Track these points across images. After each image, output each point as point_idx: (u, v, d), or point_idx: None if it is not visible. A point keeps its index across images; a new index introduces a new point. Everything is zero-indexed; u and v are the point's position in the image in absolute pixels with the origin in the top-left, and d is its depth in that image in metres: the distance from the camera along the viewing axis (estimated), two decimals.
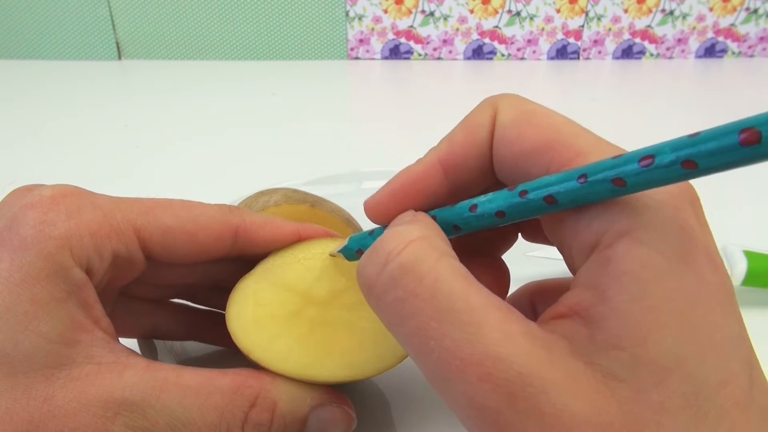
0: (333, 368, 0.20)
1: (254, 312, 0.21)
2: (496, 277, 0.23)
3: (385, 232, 0.18)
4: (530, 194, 0.17)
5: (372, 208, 0.21)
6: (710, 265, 0.15)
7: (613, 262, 0.15)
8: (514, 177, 0.19)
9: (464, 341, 0.15)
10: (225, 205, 0.23)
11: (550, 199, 0.16)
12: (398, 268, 0.16)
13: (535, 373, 0.14)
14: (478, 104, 0.20)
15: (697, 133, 0.13)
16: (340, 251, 0.23)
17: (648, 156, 0.14)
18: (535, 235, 0.22)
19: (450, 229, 0.19)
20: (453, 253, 0.17)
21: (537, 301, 0.24)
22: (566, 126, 0.18)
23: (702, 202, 0.17)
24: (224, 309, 0.22)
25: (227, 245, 0.22)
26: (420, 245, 0.16)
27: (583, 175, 0.15)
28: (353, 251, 0.22)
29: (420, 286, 0.16)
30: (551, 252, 0.22)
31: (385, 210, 0.20)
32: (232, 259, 0.23)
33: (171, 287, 0.25)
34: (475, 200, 0.19)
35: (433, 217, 0.20)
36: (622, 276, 0.15)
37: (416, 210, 0.20)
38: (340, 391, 0.21)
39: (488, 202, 0.18)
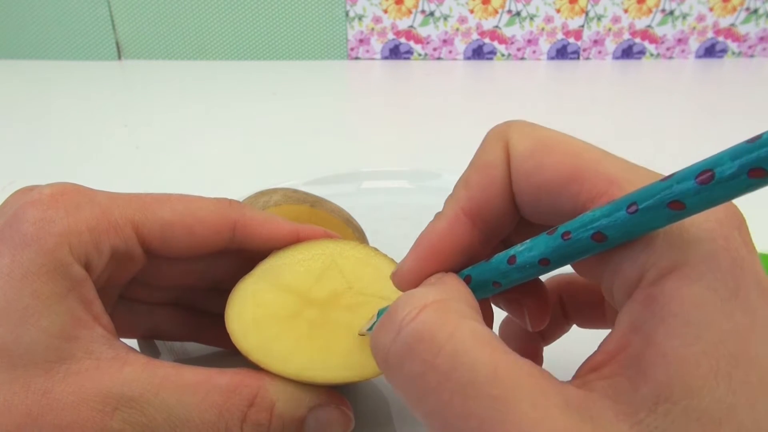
0: (332, 369, 0.20)
1: (254, 313, 0.21)
2: (538, 300, 0.21)
3: (399, 297, 0.16)
4: (574, 234, 0.15)
5: (401, 280, 0.19)
6: (761, 297, 0.14)
7: (661, 301, 0.14)
8: (539, 211, 0.18)
9: (493, 421, 0.13)
10: (225, 198, 0.23)
11: (599, 236, 0.15)
12: (412, 335, 0.15)
13: None
14: (485, 138, 0.19)
15: (758, 137, 0.11)
16: (369, 329, 0.21)
17: (705, 170, 0.12)
18: None
19: (489, 286, 0.18)
20: (476, 315, 0.16)
21: (565, 296, 0.23)
22: (588, 152, 0.17)
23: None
24: (224, 310, 0.22)
25: (225, 238, 0.22)
26: (435, 309, 0.15)
27: (633, 204, 0.14)
28: None
29: (438, 357, 0.14)
30: None
31: (416, 279, 0.19)
32: (231, 255, 0.23)
33: (171, 289, 0.25)
34: (512, 251, 0.17)
35: (467, 277, 0.18)
36: (672, 318, 0.13)
37: (450, 270, 0.19)
38: (338, 392, 0.21)
39: (527, 250, 0.16)
